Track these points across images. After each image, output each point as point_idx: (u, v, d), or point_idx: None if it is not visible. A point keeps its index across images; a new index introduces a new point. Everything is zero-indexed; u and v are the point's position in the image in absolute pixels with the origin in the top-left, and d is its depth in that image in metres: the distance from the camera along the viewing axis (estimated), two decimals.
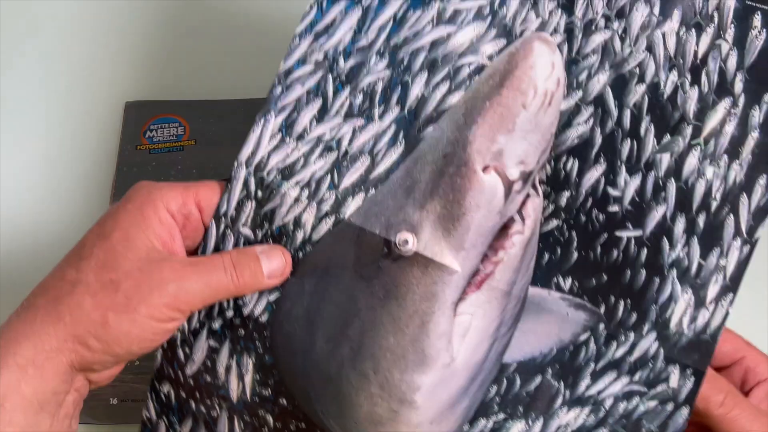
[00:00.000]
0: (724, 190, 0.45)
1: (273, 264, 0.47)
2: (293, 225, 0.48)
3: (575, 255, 0.46)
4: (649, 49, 0.45)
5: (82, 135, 0.71)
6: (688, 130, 0.45)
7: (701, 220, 0.45)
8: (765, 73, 0.44)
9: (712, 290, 0.45)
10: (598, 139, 0.46)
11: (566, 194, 0.46)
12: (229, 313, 0.48)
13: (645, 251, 0.45)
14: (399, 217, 0.46)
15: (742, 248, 0.44)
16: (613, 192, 0.46)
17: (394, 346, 0.46)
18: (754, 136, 0.44)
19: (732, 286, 0.45)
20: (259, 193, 0.48)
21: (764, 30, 0.44)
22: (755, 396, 0.47)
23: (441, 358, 0.46)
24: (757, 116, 0.44)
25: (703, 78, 0.45)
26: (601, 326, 0.46)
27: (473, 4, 0.47)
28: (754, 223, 0.44)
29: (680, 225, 0.45)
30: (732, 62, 0.44)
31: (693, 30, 0.45)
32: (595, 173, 0.46)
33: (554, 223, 0.46)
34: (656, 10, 0.45)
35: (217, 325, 0.48)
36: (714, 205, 0.45)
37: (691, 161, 0.45)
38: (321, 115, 0.48)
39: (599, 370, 0.46)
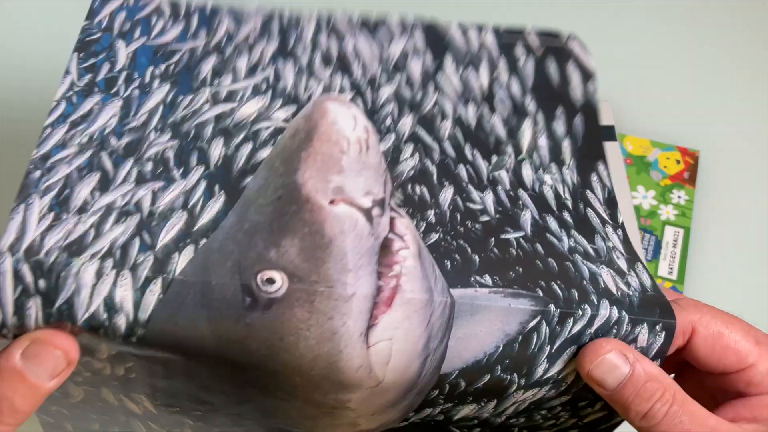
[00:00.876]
0: (570, 190, 0.41)
1: (47, 367, 0.31)
2: (106, 310, 0.31)
3: (476, 258, 0.37)
4: (438, 90, 0.44)
5: None
6: (509, 149, 0.42)
7: (567, 216, 0.40)
8: (547, 89, 0.45)
9: (622, 263, 0.39)
10: (433, 168, 0.40)
11: (431, 212, 0.38)
12: None
13: (539, 245, 0.38)
14: (250, 257, 0.34)
15: (616, 231, 0.40)
16: (474, 206, 0.39)
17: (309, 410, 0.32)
18: (566, 144, 0.43)
19: (633, 257, 0.39)
20: (42, 283, 0.32)
21: (528, 54, 0.46)
22: (727, 410, 0.37)
23: (364, 384, 0.33)
24: (560, 127, 0.44)
25: (498, 106, 0.44)
26: (551, 306, 0.35)
27: (246, 83, 0.42)
28: (611, 211, 0.41)
29: (553, 222, 0.40)
30: (516, 88, 0.44)
31: (470, 67, 0.45)
32: (447, 194, 0.39)
33: (435, 236, 0.37)
34: (428, 59, 0.45)
35: None
36: (569, 203, 0.41)
37: (527, 173, 0.42)
38: (104, 185, 0.35)
39: (555, 351, 0.35)
